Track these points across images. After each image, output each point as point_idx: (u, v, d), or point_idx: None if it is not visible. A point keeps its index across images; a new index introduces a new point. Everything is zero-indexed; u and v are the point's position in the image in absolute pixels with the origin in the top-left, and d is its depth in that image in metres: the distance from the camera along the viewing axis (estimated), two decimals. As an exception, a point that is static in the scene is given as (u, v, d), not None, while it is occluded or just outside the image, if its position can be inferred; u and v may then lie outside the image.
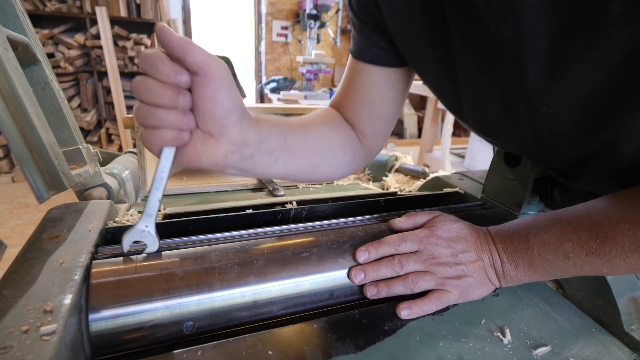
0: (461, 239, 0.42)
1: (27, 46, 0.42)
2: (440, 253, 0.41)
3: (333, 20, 4.19)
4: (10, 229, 2.26)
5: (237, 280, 0.37)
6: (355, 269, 0.41)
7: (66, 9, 3.06)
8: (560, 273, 0.38)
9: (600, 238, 0.35)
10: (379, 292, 0.40)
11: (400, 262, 0.41)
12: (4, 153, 2.92)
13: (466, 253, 0.42)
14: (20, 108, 0.35)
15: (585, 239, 0.36)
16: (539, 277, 0.40)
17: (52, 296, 0.30)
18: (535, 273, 0.39)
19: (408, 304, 0.39)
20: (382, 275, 0.41)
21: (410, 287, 0.40)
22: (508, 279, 0.41)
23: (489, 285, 0.41)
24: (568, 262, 0.36)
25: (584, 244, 0.35)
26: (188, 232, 0.47)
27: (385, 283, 0.40)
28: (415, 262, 0.41)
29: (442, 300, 0.40)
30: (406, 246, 0.42)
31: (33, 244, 0.38)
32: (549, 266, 0.38)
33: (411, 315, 0.39)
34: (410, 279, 0.40)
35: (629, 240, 0.33)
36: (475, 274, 0.41)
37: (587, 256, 0.35)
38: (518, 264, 0.40)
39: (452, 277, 0.40)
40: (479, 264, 0.41)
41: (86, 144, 0.53)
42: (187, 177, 0.84)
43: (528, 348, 0.35)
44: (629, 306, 0.40)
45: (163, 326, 0.34)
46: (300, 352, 0.32)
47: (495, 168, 0.58)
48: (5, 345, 0.25)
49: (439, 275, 0.41)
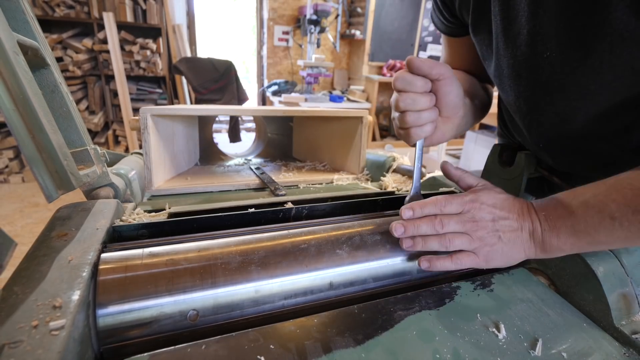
0: (504, 207, 0.42)
1: (37, 50, 0.42)
2: (482, 217, 0.41)
3: (332, 25, 4.19)
4: (20, 227, 2.26)
5: (240, 274, 0.37)
6: (396, 223, 0.41)
7: (74, 14, 3.06)
8: (605, 238, 0.36)
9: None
10: (414, 245, 0.41)
11: (442, 222, 0.41)
12: (15, 154, 2.92)
13: (507, 220, 0.41)
14: (30, 110, 0.35)
15: (630, 197, 0.35)
16: (582, 245, 0.38)
17: (60, 292, 0.30)
18: (578, 240, 0.38)
19: (429, 258, 0.40)
20: (421, 232, 0.41)
21: (446, 244, 0.40)
22: (548, 248, 0.39)
23: (520, 254, 0.41)
24: (614, 224, 0.35)
25: (629, 202, 0.34)
26: (192, 230, 0.47)
27: (422, 237, 0.41)
28: (456, 223, 0.41)
29: (464, 261, 0.40)
30: (451, 207, 0.42)
31: (42, 242, 0.38)
32: (593, 230, 0.36)
33: (430, 268, 0.40)
34: (447, 237, 0.40)
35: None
36: (509, 244, 0.40)
37: (634, 215, 0.34)
38: (560, 231, 0.38)
39: (486, 244, 0.40)
40: (517, 234, 0.41)
41: (94, 145, 0.53)
42: (191, 177, 0.84)
43: (522, 342, 0.35)
44: (619, 302, 0.40)
45: (168, 320, 0.34)
46: (301, 346, 0.32)
47: (489, 168, 0.57)
48: (15, 340, 0.25)
49: (475, 238, 0.40)
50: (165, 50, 3.41)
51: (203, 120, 1.11)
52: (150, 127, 0.69)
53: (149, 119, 0.68)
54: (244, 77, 6.65)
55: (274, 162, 1.06)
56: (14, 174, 2.92)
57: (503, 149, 0.56)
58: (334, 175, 0.89)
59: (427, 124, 0.45)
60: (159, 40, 3.34)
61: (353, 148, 0.91)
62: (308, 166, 1.00)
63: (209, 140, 1.14)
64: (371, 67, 4.32)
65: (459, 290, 0.41)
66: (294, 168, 0.97)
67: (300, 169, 0.97)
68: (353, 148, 0.91)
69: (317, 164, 1.03)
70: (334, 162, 1.00)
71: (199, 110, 0.90)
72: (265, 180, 0.80)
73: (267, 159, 1.12)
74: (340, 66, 4.59)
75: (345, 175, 0.89)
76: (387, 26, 4.15)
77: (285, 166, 1.00)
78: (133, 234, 0.45)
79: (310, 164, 1.03)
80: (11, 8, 0.41)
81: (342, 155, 0.96)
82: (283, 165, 1.02)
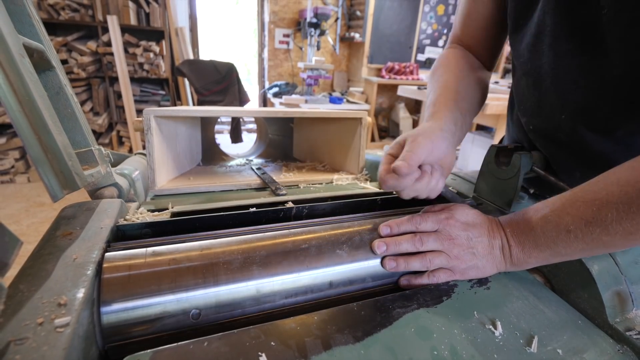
0: (477, 225, 0.43)
1: (42, 53, 0.42)
2: (458, 235, 0.42)
3: (332, 28, 4.19)
4: (26, 226, 2.26)
5: (242, 272, 0.37)
6: (378, 241, 0.42)
7: (79, 17, 3.06)
8: (564, 250, 0.37)
9: (597, 205, 0.35)
10: (397, 266, 0.41)
11: (422, 239, 0.42)
12: (20, 154, 2.92)
13: (480, 238, 0.42)
14: (36, 112, 0.35)
15: (583, 209, 0.36)
16: (545, 256, 0.39)
17: (65, 290, 0.30)
18: (541, 252, 0.39)
19: (408, 277, 0.42)
20: (402, 250, 0.42)
21: (426, 264, 0.41)
22: (516, 262, 0.41)
23: (492, 269, 0.42)
24: (570, 236, 0.36)
25: (582, 214, 0.36)
26: (195, 229, 0.47)
27: (404, 258, 0.42)
28: (434, 241, 0.42)
29: (440, 278, 0.41)
30: (427, 225, 0.43)
31: (48, 240, 0.38)
32: (553, 243, 0.38)
33: (408, 286, 0.42)
34: (427, 257, 0.41)
35: (622, 199, 0.33)
36: (483, 259, 0.42)
37: (587, 226, 0.35)
38: (525, 246, 0.40)
39: (463, 260, 0.41)
40: (489, 250, 0.42)
41: (98, 145, 0.53)
42: (194, 177, 0.84)
43: (518, 339, 0.35)
44: (613, 300, 0.40)
45: (171, 317, 0.34)
46: (301, 342, 0.32)
47: (486, 168, 0.57)
48: (21, 337, 0.25)
49: (452, 256, 0.41)
50: (168, 53, 3.41)
51: (205, 121, 1.11)
52: (154, 128, 0.69)
53: (152, 120, 0.68)
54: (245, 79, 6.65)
55: (275, 163, 1.06)
56: (20, 174, 2.92)
57: (500, 150, 0.56)
58: (333, 175, 0.89)
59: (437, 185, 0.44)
60: (162, 42, 3.33)
61: (352, 148, 0.91)
62: (308, 166, 1.00)
63: (211, 140, 1.14)
64: (370, 69, 4.31)
65: (456, 288, 0.41)
66: (294, 168, 0.97)
67: (301, 169, 0.97)
68: (352, 148, 0.91)
69: (317, 164, 1.03)
70: (333, 163, 1.00)
71: (201, 112, 0.90)
72: (266, 180, 0.80)
73: (268, 159, 1.12)
74: (339, 68, 4.59)
75: (345, 175, 0.89)
76: (385, 29, 4.15)
77: (286, 166, 1.00)
78: (137, 233, 0.45)
79: (311, 164, 1.03)
80: (17, 11, 0.41)
81: (341, 155, 0.96)
82: (284, 165, 1.02)
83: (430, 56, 4.41)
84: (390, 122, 4.66)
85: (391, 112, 4.67)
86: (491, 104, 2.02)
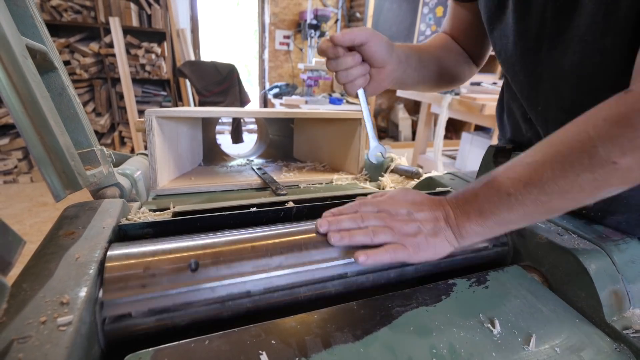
0: (416, 202, 0.44)
1: (45, 54, 0.42)
2: (397, 212, 0.43)
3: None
4: (29, 226, 2.26)
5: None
6: (320, 220, 0.43)
7: (81, 19, 3.06)
8: (508, 216, 0.38)
9: (533, 166, 0.36)
10: (341, 239, 0.41)
11: (362, 216, 0.42)
12: (23, 154, 2.92)
13: (422, 212, 0.42)
14: (39, 112, 0.35)
15: (520, 171, 0.37)
16: (491, 225, 0.39)
17: (68, 289, 0.30)
18: (486, 220, 0.39)
19: (365, 251, 0.40)
20: (344, 227, 0.42)
21: (370, 236, 0.40)
22: (464, 233, 0.40)
23: (444, 244, 0.41)
24: (510, 199, 0.37)
25: (519, 176, 0.36)
26: (196, 229, 0.47)
27: (347, 232, 0.41)
28: (375, 218, 0.42)
29: (397, 253, 0.40)
30: (367, 208, 0.44)
31: (50, 240, 0.38)
32: (496, 209, 0.38)
33: (368, 260, 0.39)
34: (370, 229, 0.41)
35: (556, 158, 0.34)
36: (431, 233, 0.41)
37: (525, 187, 0.36)
38: (470, 214, 0.40)
39: (409, 234, 0.41)
40: (435, 223, 0.42)
41: (100, 146, 0.53)
42: (195, 177, 0.84)
43: (516, 338, 0.35)
44: (610, 298, 0.40)
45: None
46: (301, 341, 0.32)
47: (484, 168, 0.57)
48: (24, 335, 0.25)
49: (396, 230, 0.41)
50: (170, 54, 3.41)
51: (206, 122, 1.11)
52: (155, 129, 0.69)
53: (153, 121, 0.68)
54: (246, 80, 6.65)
55: (275, 163, 1.06)
56: (23, 174, 2.92)
57: (497, 150, 0.56)
58: (333, 175, 0.89)
59: (357, 78, 0.51)
60: (164, 44, 3.34)
61: (352, 149, 0.91)
62: (308, 166, 1.00)
63: (212, 141, 1.14)
64: (370, 71, 4.31)
65: (455, 287, 0.41)
66: (294, 168, 0.97)
67: (301, 169, 0.97)
68: (352, 149, 0.91)
69: (317, 164, 1.03)
70: (333, 163, 1.00)
71: (203, 112, 0.90)
72: (267, 180, 0.80)
73: (268, 159, 1.12)
74: (339, 69, 4.59)
75: (345, 176, 0.89)
76: (385, 31, 4.15)
77: (286, 166, 1.00)
78: (138, 233, 0.45)
79: (311, 164, 1.03)
80: (20, 13, 0.41)
81: (341, 155, 0.96)
82: (284, 165, 1.02)
83: (429, 57, 4.41)
84: (390, 123, 4.66)
85: (390, 113, 4.68)
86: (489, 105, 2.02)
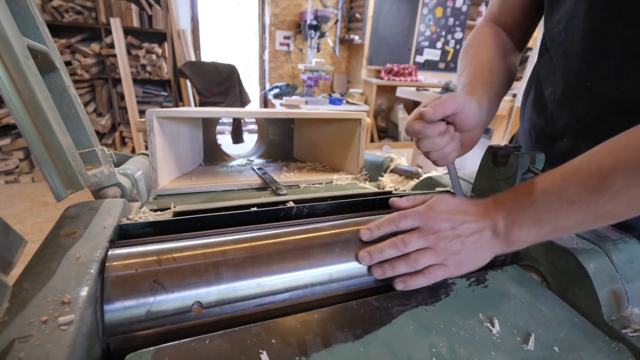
0: (459, 212, 0.41)
1: (46, 55, 0.42)
2: (441, 227, 0.40)
3: (332, 30, 4.19)
4: (30, 225, 2.26)
5: (244, 270, 0.37)
6: (361, 252, 0.40)
7: (82, 19, 3.06)
8: (566, 224, 0.35)
9: (602, 172, 0.33)
10: (384, 273, 0.40)
11: (404, 241, 0.40)
12: (25, 154, 2.92)
13: (465, 224, 0.40)
14: (40, 113, 0.35)
15: (587, 178, 0.34)
16: (546, 232, 0.37)
17: (69, 288, 0.30)
18: (541, 228, 0.37)
19: (403, 279, 0.39)
20: (387, 256, 0.40)
21: (412, 265, 0.39)
22: (514, 241, 0.39)
23: (487, 254, 0.40)
24: (573, 207, 0.34)
25: (585, 183, 0.34)
26: (197, 228, 0.47)
27: (389, 264, 0.40)
28: (417, 240, 0.40)
29: (437, 275, 0.39)
30: (407, 223, 0.41)
31: (51, 239, 0.38)
32: (554, 217, 0.35)
33: (406, 288, 0.39)
34: (412, 258, 0.39)
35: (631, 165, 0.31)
36: (474, 246, 0.39)
37: (591, 195, 0.33)
38: (523, 223, 0.37)
39: (452, 252, 0.39)
40: (479, 235, 0.39)
41: (101, 146, 0.53)
42: (196, 177, 0.84)
43: (515, 337, 0.35)
44: (609, 298, 0.40)
45: (173, 315, 0.34)
46: (301, 340, 0.32)
47: (483, 168, 0.57)
48: (25, 335, 0.25)
49: (439, 250, 0.39)
50: (171, 55, 3.41)
51: (207, 122, 1.11)
52: (156, 129, 0.69)
53: (154, 121, 0.68)
54: (246, 81, 6.65)
55: (276, 163, 1.06)
56: (24, 174, 2.92)
57: (497, 150, 0.56)
58: (333, 175, 0.89)
59: (451, 154, 0.47)
60: (164, 44, 3.34)
61: (352, 149, 0.91)
62: (308, 166, 1.00)
63: (212, 141, 1.14)
64: (369, 71, 4.31)
65: (454, 287, 0.41)
66: (294, 168, 0.97)
67: (301, 169, 0.97)
68: (352, 149, 0.91)
69: (317, 164, 1.03)
70: (333, 163, 1.00)
71: (203, 113, 0.90)
72: (267, 180, 0.80)
73: (268, 159, 1.12)
74: (339, 70, 4.58)
75: (345, 176, 0.89)
76: (385, 31, 4.14)
77: (287, 166, 1.00)
78: (139, 232, 0.45)
79: (311, 164, 1.03)
80: (22, 14, 0.41)
81: (341, 156, 0.96)
82: (284, 165, 1.02)
83: (428, 58, 4.41)
84: (389, 123, 4.65)
85: (390, 113, 4.67)
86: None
